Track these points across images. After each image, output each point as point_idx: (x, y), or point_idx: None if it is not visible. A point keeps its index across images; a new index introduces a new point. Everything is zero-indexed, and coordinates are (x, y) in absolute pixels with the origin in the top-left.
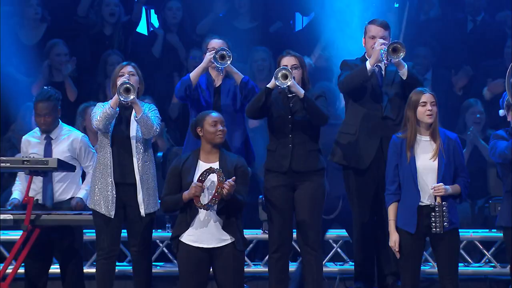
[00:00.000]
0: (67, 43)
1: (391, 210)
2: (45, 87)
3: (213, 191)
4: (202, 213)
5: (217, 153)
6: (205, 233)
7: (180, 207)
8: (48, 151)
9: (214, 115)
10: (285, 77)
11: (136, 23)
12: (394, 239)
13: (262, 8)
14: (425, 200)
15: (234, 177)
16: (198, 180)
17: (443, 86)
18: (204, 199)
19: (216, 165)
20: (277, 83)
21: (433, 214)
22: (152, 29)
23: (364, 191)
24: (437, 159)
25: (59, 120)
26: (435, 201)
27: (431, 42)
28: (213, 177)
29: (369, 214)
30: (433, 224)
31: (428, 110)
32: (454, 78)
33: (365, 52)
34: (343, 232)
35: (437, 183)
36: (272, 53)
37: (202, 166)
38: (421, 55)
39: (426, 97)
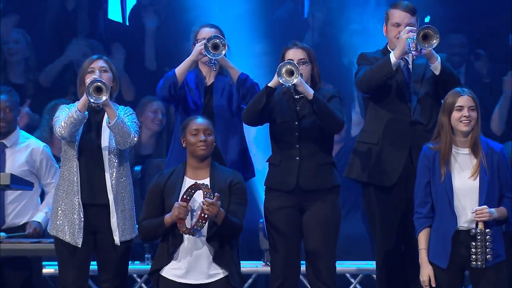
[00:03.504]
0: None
1: (423, 237)
2: None
3: (199, 212)
4: (187, 241)
5: (207, 167)
6: (192, 266)
7: (161, 234)
8: (0, 162)
9: (198, 121)
10: (290, 73)
11: None
12: (426, 272)
13: None
14: (462, 225)
15: (217, 194)
16: (182, 199)
17: (479, 81)
18: (191, 222)
19: (206, 182)
20: (280, 81)
21: (473, 244)
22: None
23: (390, 214)
24: (478, 177)
25: (17, 125)
26: (477, 227)
27: (468, 28)
28: (200, 195)
29: (395, 241)
30: (473, 256)
31: (465, 116)
32: (477, 64)
33: (387, 43)
34: (363, 264)
35: (479, 206)
36: (276, 44)
37: (188, 183)
38: (457, 43)
39: (463, 100)
